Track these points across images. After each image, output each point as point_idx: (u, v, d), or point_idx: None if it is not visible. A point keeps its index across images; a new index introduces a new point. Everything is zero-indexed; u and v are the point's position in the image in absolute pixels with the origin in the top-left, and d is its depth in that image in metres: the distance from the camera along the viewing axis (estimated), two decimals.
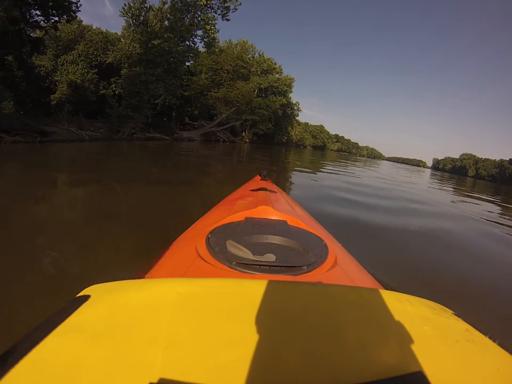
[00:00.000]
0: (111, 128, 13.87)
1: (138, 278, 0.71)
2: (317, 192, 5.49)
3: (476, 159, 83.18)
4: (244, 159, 12.30)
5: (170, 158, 9.42)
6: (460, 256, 2.89)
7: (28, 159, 6.04)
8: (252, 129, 31.42)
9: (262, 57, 35.08)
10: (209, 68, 21.91)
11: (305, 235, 0.92)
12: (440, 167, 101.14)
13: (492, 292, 2.12)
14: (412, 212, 5.03)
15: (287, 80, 34.90)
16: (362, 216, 3.84)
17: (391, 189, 8.05)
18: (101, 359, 0.27)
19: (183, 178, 5.41)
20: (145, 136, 14.28)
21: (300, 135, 51.13)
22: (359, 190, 6.48)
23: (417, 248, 2.92)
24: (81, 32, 23.41)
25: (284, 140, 40.92)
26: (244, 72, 24.63)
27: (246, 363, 0.28)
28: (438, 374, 0.30)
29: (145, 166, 6.54)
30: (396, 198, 6.30)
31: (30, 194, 3.10)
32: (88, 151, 8.48)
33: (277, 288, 0.42)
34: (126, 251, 1.98)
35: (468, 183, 27.13)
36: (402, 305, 0.43)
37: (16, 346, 0.28)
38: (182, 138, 17.60)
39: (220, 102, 21.96)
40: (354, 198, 5.16)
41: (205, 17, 15.69)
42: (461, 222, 4.81)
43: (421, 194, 8.43)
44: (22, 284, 1.42)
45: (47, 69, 22.72)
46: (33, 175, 4.16)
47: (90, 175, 4.62)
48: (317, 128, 68.99)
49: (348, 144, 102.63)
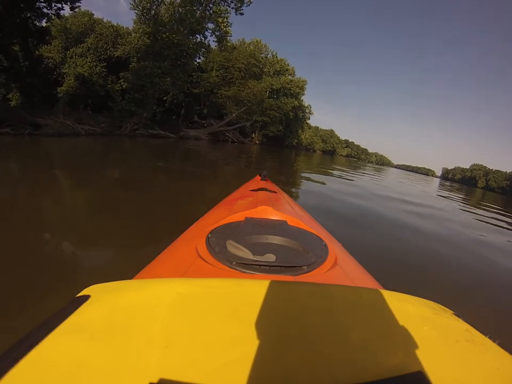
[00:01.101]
0: (113, 123, 12.94)
1: (138, 278, 0.68)
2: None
3: (486, 170, 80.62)
4: (251, 165, 11.11)
5: (168, 159, 8.29)
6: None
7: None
8: (262, 131, 30.39)
9: (275, 57, 33.98)
10: (220, 65, 20.82)
11: (305, 235, 0.90)
12: (450, 177, 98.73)
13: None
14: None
15: (300, 82, 33.77)
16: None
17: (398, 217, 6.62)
18: (101, 359, 0.27)
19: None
20: (148, 133, 13.25)
21: (310, 138, 49.80)
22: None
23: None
24: (92, 25, 22.74)
25: (294, 143, 39.79)
26: (256, 71, 23.49)
27: (246, 363, 0.28)
28: (438, 374, 0.30)
29: (120, 181, 4.29)
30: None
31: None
32: (75, 147, 7.48)
33: (277, 288, 0.42)
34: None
35: (480, 195, 26.05)
36: (402, 305, 0.42)
37: (15, 346, 0.28)
38: (188, 137, 16.53)
39: (230, 101, 20.85)
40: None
41: (217, 9, 14.57)
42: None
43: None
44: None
45: (55, 61, 22.07)
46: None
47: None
48: (327, 132, 67.84)
49: (357, 150, 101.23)
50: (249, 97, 20.90)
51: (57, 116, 9.78)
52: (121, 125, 12.91)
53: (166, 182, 4.41)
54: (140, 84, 12.30)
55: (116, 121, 12.95)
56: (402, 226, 4.08)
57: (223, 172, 6.99)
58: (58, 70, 21.87)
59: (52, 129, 8.72)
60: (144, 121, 13.23)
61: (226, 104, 21.05)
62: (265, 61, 31.66)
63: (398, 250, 2.93)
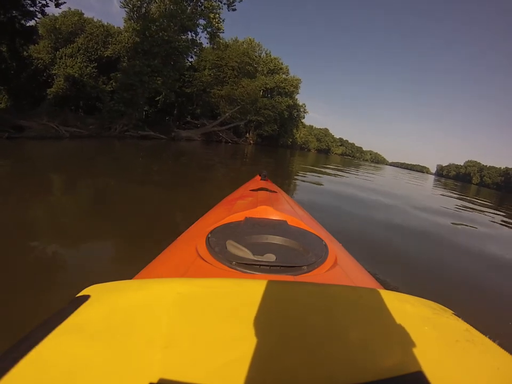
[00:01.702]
0: (103, 124, 12.48)
1: (138, 278, 0.68)
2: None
3: (480, 167, 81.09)
4: (246, 167, 10.73)
5: (154, 162, 7.88)
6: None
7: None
8: (257, 131, 29.99)
9: (269, 56, 33.59)
10: (213, 63, 20.36)
11: (305, 235, 0.90)
12: (444, 174, 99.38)
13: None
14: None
15: (294, 81, 33.41)
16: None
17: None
18: (101, 359, 0.27)
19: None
20: (138, 134, 12.78)
21: (305, 137, 49.42)
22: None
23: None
24: (82, 25, 22.21)
25: (288, 142, 39.42)
26: (250, 70, 23.06)
27: (246, 363, 0.28)
28: (438, 374, 0.30)
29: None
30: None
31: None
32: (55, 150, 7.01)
33: (277, 288, 0.42)
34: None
35: (474, 191, 26.29)
36: (402, 305, 0.42)
37: (15, 346, 0.28)
38: (179, 138, 16.05)
39: (224, 100, 20.40)
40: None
41: (208, 4, 14.07)
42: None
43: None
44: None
45: (44, 62, 21.54)
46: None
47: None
48: (321, 131, 67.68)
49: (351, 148, 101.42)
50: (242, 96, 20.46)
51: (41, 117, 9.32)
52: (111, 126, 12.46)
53: (150, 192, 3.85)
54: (129, 82, 11.82)
55: (105, 123, 12.49)
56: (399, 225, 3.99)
57: (217, 176, 6.57)
58: (48, 71, 21.33)
59: (34, 132, 8.26)
60: (134, 122, 12.77)
61: (220, 104, 20.59)
62: (259, 59, 31.21)
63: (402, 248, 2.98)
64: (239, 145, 22.04)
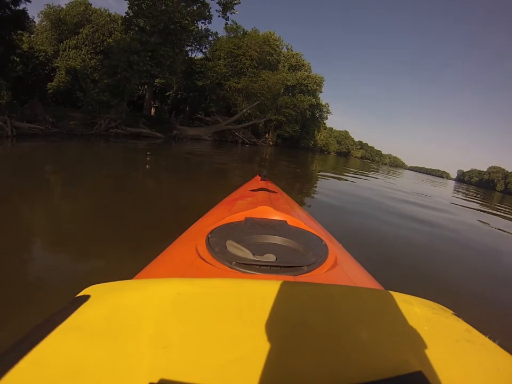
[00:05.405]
0: (85, 119, 9.32)
1: (138, 278, 0.66)
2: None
3: (505, 173, 73.93)
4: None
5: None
6: None
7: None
8: (277, 131, 26.33)
9: (290, 51, 29.82)
10: (228, 52, 16.90)
11: (305, 235, 0.87)
12: (466, 180, 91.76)
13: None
14: None
15: (317, 78, 29.51)
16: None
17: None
18: (101, 359, 0.27)
19: None
20: (127, 132, 9.47)
21: (325, 140, 45.10)
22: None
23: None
24: (88, 15, 19.52)
25: (310, 145, 35.47)
26: (271, 60, 19.39)
27: (246, 363, 0.27)
28: (438, 374, 0.29)
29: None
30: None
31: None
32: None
33: (277, 288, 0.41)
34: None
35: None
36: (402, 305, 0.41)
37: (15, 346, 0.27)
38: (183, 137, 12.62)
39: (241, 94, 16.86)
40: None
41: None
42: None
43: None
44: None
45: (47, 54, 18.94)
46: None
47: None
48: (341, 133, 62.98)
49: (371, 151, 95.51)
50: (262, 90, 16.87)
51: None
52: (95, 121, 9.26)
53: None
54: (113, 64, 8.52)
55: (87, 117, 9.31)
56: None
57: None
58: (51, 64, 18.78)
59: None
60: (123, 116, 9.45)
61: (236, 99, 17.10)
62: (280, 53, 27.53)
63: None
64: (258, 147, 18.38)
